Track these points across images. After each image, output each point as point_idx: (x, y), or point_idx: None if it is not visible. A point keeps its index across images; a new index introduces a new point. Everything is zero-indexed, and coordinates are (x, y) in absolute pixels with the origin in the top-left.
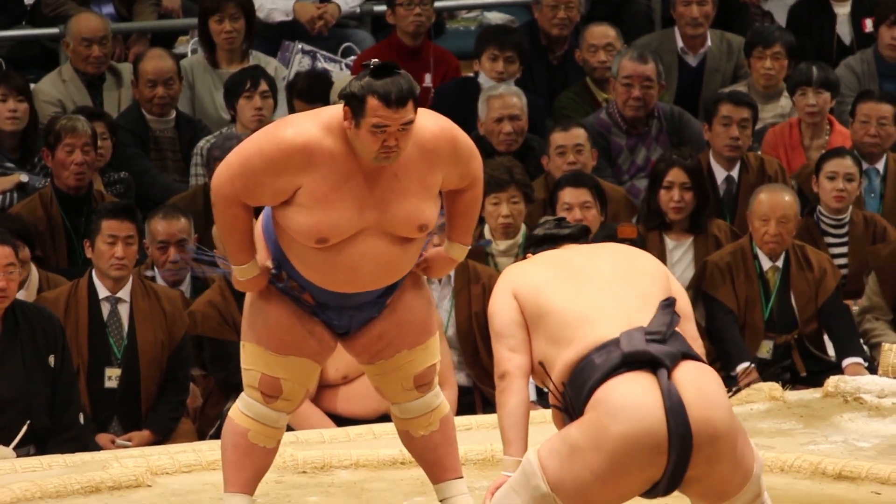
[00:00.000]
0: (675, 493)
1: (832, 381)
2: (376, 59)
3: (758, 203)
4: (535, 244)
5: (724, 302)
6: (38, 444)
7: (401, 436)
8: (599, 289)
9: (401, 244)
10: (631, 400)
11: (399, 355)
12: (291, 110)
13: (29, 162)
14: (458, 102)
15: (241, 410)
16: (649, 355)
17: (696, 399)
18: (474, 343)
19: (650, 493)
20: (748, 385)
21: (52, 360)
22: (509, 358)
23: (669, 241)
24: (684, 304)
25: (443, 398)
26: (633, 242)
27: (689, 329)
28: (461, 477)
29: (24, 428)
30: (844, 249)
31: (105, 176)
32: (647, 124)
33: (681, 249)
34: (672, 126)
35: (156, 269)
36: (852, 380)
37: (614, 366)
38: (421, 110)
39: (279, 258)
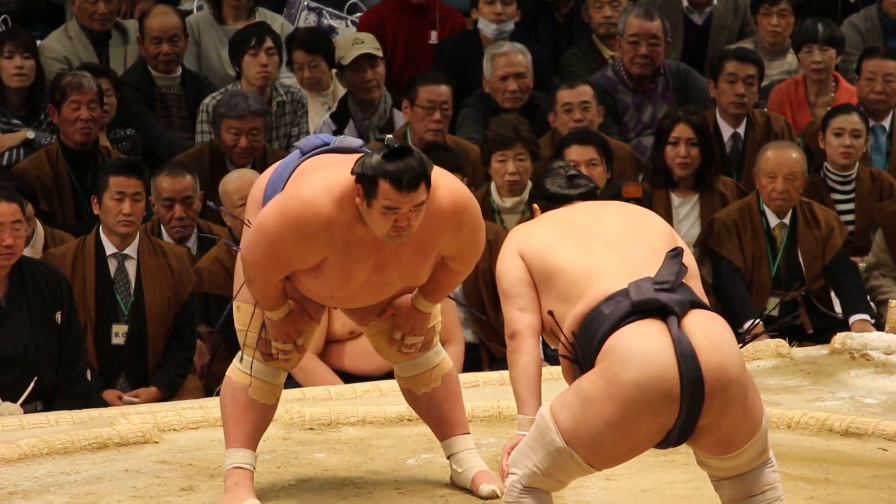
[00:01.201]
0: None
1: (839, 338)
2: (391, 137)
3: (765, 160)
4: (545, 199)
5: (731, 259)
6: (45, 400)
7: (404, 395)
8: (606, 245)
9: (390, 291)
10: (641, 346)
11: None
12: (290, 63)
13: (35, 118)
14: (460, 55)
15: (239, 368)
16: (658, 303)
17: (707, 345)
18: (481, 300)
19: (662, 444)
20: (755, 338)
21: (58, 316)
22: (518, 318)
23: (675, 199)
24: (690, 262)
25: (444, 355)
26: (638, 201)
27: (695, 287)
28: (468, 433)
29: (32, 384)
30: (851, 206)
31: (111, 133)
32: (653, 81)
33: (686, 206)
34: (678, 83)
35: (162, 226)
36: (859, 336)
37: (623, 314)
38: (438, 171)
39: None
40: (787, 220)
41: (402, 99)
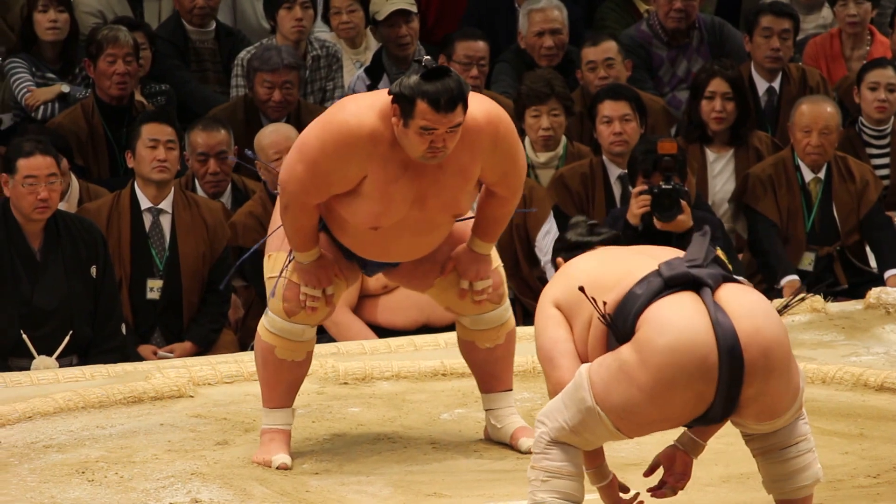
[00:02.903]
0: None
1: (874, 293)
2: (429, 58)
3: (799, 114)
4: (567, 249)
5: (767, 214)
6: (80, 354)
7: (464, 346)
8: (636, 255)
9: (434, 230)
10: (676, 314)
11: (433, 287)
12: (327, 11)
13: (70, 72)
14: (490, 10)
15: (266, 327)
16: (691, 276)
17: (743, 312)
18: (515, 255)
19: (705, 418)
20: (800, 300)
21: (93, 270)
22: (560, 379)
23: (710, 154)
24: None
25: (511, 312)
26: (673, 157)
27: None
28: (511, 389)
29: (67, 338)
30: (886, 160)
31: (146, 87)
32: (688, 36)
33: (721, 161)
34: (713, 37)
35: (196, 181)
36: (894, 291)
37: (657, 290)
38: (472, 95)
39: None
40: (822, 175)
41: (436, 53)
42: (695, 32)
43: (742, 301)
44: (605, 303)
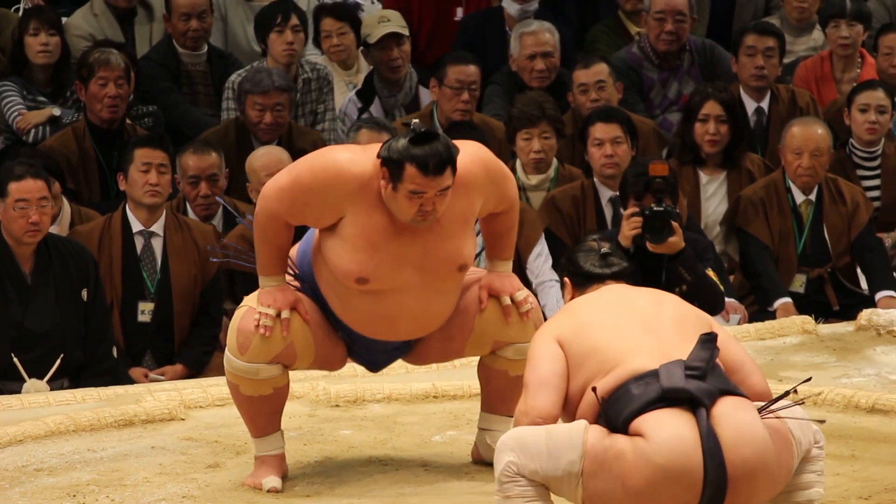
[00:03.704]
0: None
1: (865, 315)
2: (417, 121)
3: (790, 136)
4: (578, 277)
5: (758, 237)
6: (71, 377)
7: (492, 373)
8: (640, 325)
9: (438, 296)
10: (672, 436)
11: (474, 331)
12: (317, 38)
13: (61, 96)
14: (482, 33)
15: (225, 367)
16: (688, 393)
17: (735, 438)
18: None
19: None
20: (799, 403)
21: (84, 293)
22: (546, 411)
23: (703, 176)
24: (737, 350)
25: None
26: (665, 179)
27: (745, 371)
28: (512, 416)
29: (58, 361)
30: (877, 182)
31: (132, 109)
32: (679, 58)
33: (714, 184)
34: (704, 59)
35: (188, 204)
36: (885, 313)
37: (652, 399)
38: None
39: (317, 295)
40: (812, 197)
41: (427, 76)
42: (685, 55)
43: (734, 425)
44: (599, 395)
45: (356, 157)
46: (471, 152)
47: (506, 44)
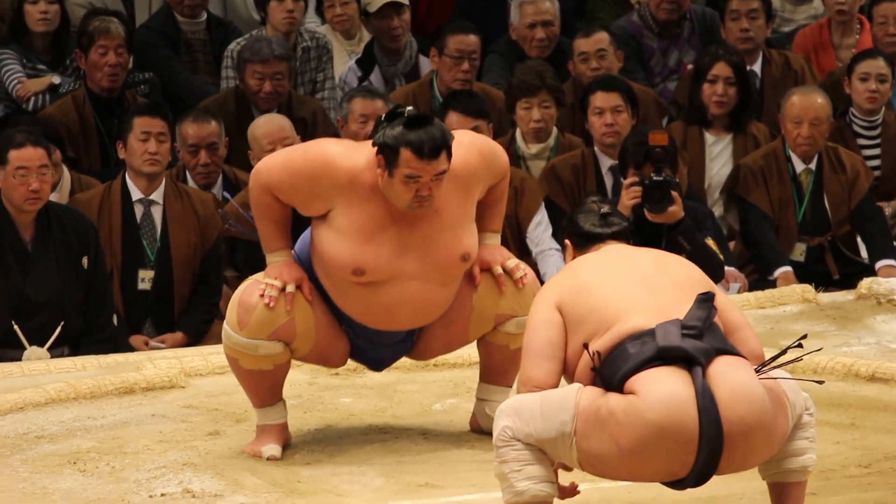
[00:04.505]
0: None
1: (865, 283)
2: (411, 108)
3: (790, 105)
4: (578, 237)
5: (758, 205)
6: (71, 345)
7: (497, 350)
8: (639, 283)
9: (441, 286)
10: (666, 393)
11: (475, 310)
12: (320, 4)
13: (60, 64)
14: (481, 2)
15: (223, 340)
16: (684, 352)
17: (730, 396)
18: (506, 246)
19: (673, 485)
20: (797, 360)
21: (85, 261)
22: (543, 379)
23: (709, 137)
24: (737, 314)
25: None
26: (664, 149)
27: (743, 335)
28: (511, 387)
29: (58, 329)
30: (877, 151)
31: (128, 76)
32: (679, 26)
33: (720, 145)
34: (704, 28)
35: (187, 172)
36: (885, 282)
37: (648, 358)
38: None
39: (319, 288)
40: (812, 166)
41: (427, 45)
42: (686, 23)
43: (730, 383)
44: (597, 352)
45: (348, 151)
46: (465, 142)
47: (506, 12)
